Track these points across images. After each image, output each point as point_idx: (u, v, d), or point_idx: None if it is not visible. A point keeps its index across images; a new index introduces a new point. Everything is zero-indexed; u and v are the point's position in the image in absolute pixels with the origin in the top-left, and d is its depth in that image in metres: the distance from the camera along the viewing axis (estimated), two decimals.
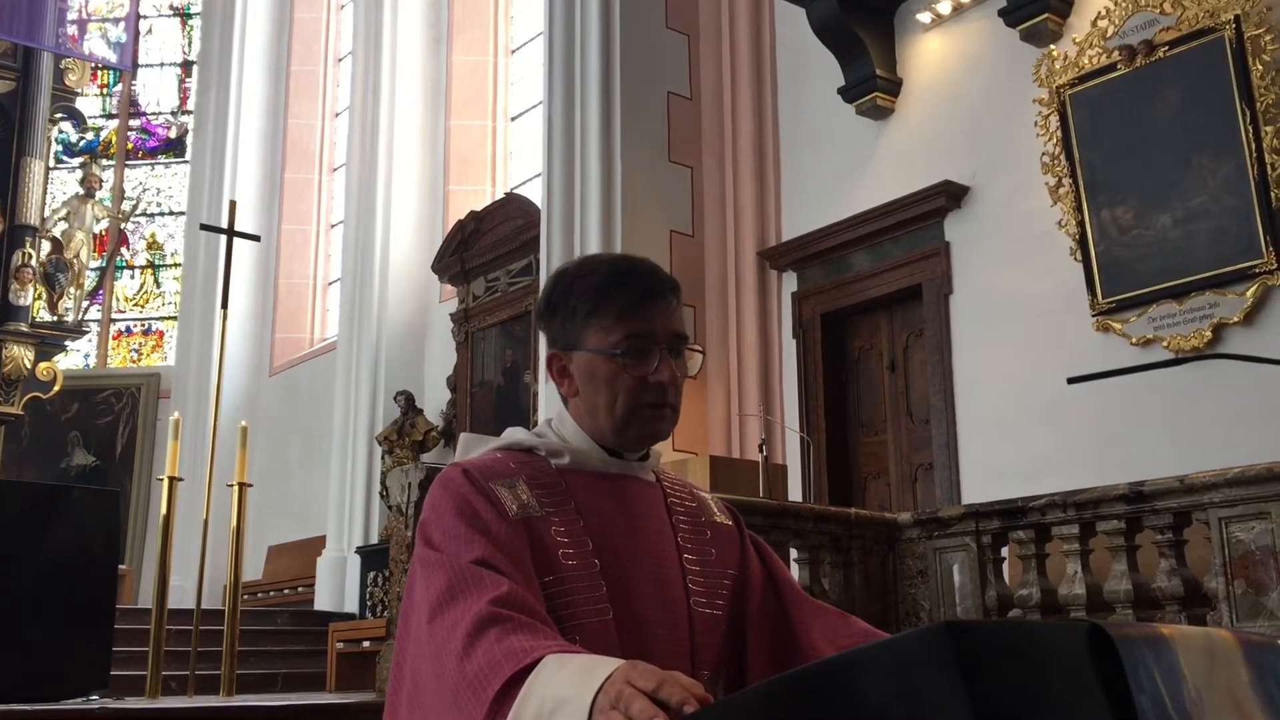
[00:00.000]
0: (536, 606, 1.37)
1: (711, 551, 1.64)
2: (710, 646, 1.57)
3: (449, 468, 1.57)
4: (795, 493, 7.42)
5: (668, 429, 1.60)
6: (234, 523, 5.91)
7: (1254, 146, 6.06)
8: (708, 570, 1.62)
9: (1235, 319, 6.16)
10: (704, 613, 1.57)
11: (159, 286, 16.19)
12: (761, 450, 5.91)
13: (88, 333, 15.30)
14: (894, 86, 8.00)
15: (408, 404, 11.08)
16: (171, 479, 5.67)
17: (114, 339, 15.97)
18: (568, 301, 1.58)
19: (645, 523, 1.59)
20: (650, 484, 1.65)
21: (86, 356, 15.77)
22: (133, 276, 16.28)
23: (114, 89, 16.69)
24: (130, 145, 16.48)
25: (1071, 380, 3.34)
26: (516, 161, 12.10)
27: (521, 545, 1.45)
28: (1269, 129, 6.04)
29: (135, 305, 16.20)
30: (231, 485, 5.96)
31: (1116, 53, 6.66)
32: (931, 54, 7.90)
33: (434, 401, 11.36)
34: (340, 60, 14.83)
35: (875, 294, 8.01)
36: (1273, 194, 6.01)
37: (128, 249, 16.22)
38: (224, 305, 6.23)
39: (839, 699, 0.87)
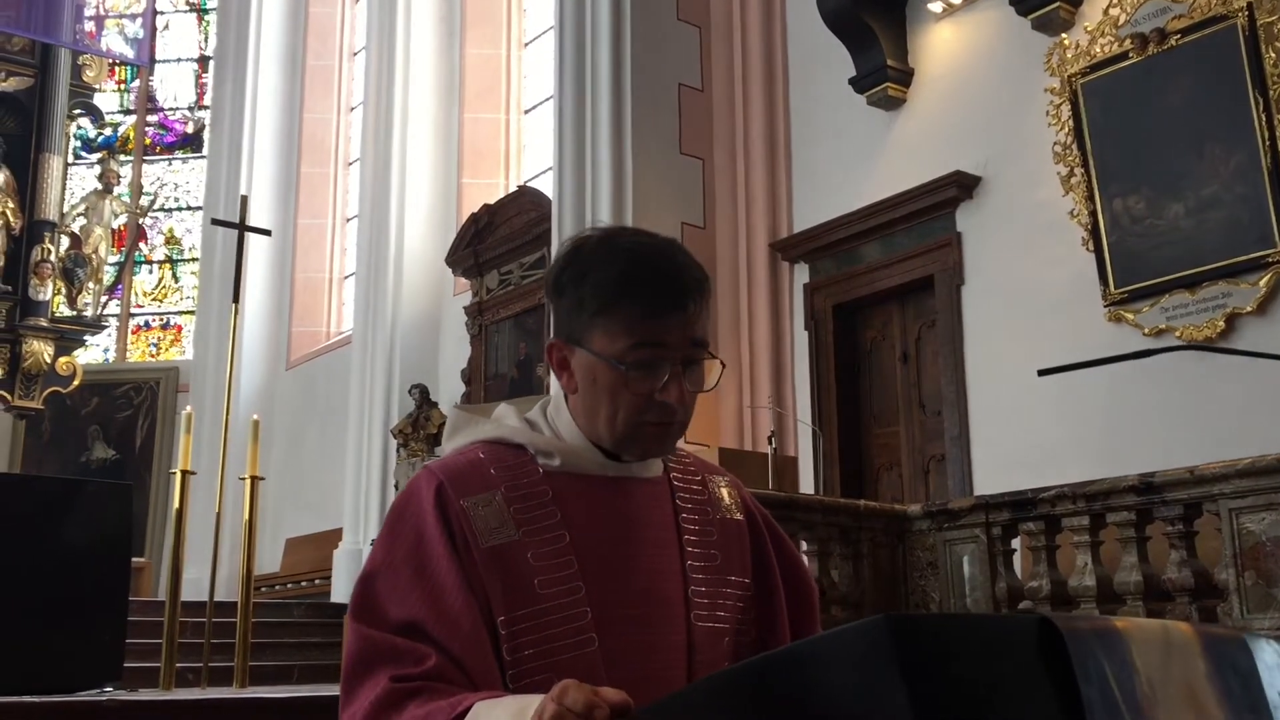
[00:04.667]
0: (466, 678, 1.27)
1: (716, 554, 1.49)
2: (711, 664, 1.43)
3: (423, 474, 1.43)
4: (807, 484, 7.42)
5: (671, 446, 1.46)
6: (246, 515, 5.95)
7: (1267, 135, 6.01)
8: (711, 579, 1.47)
9: (1249, 308, 6.12)
10: (705, 626, 1.44)
11: (177, 281, 16.29)
12: (771, 442, 5.91)
13: (106, 327, 15.40)
14: (905, 77, 7.97)
15: (422, 397, 11.12)
16: (184, 473, 5.72)
17: (133, 333, 16.09)
18: (579, 290, 1.40)
19: (644, 532, 1.44)
20: (653, 480, 1.49)
21: (106, 351, 15.90)
22: (151, 271, 16.39)
23: (131, 85, 16.79)
24: (148, 140, 16.58)
25: (1042, 372, 3.31)
26: (530, 154, 12.10)
27: (486, 586, 1.33)
28: None
29: (154, 300, 16.32)
30: (244, 478, 6.00)
31: (1128, 41, 6.62)
32: (943, 44, 7.87)
33: (448, 394, 11.39)
34: (355, 55, 14.87)
35: (887, 285, 7.99)
36: None
37: (146, 244, 16.32)
38: (235, 299, 6.27)
39: (785, 691, 0.87)
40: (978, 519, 5.36)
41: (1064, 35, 6.98)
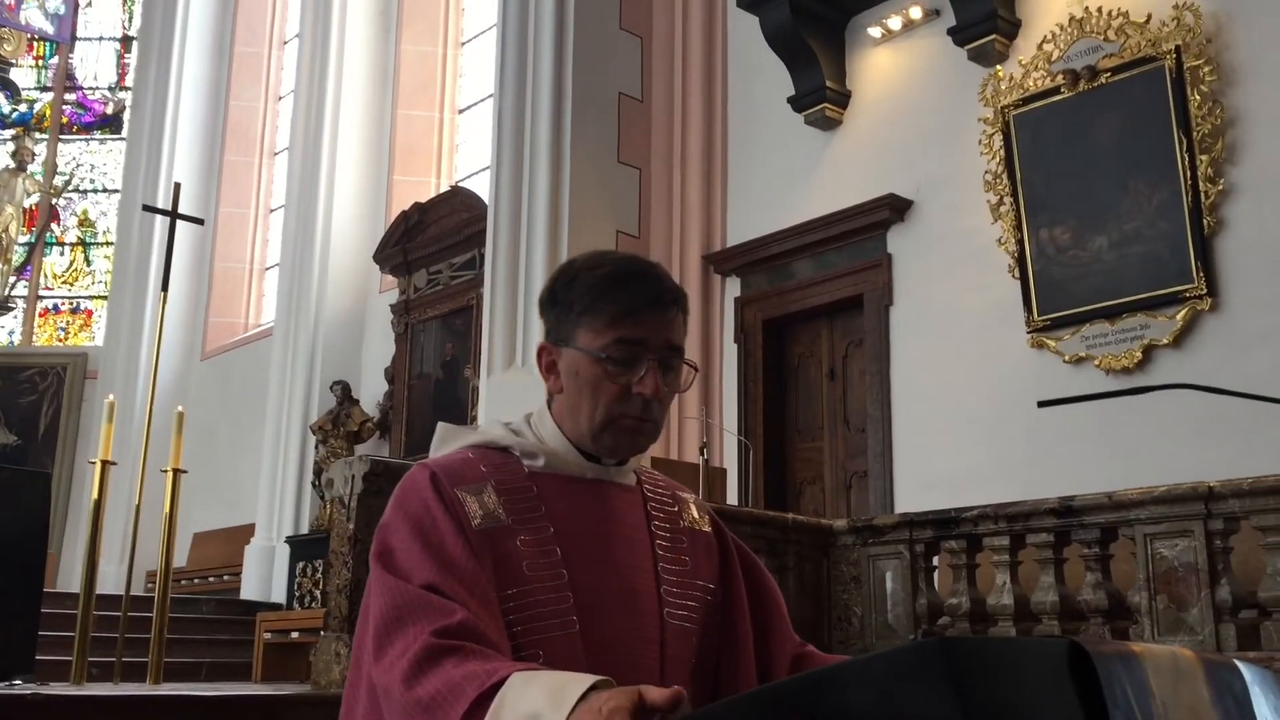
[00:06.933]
0: (488, 634, 1.33)
1: (686, 560, 1.59)
2: (681, 660, 1.52)
3: (416, 468, 1.52)
4: (732, 496, 7.49)
5: (644, 443, 1.55)
6: (166, 509, 5.82)
7: (1189, 174, 6.24)
8: (683, 580, 1.57)
9: (1165, 341, 6.33)
10: (676, 625, 1.53)
11: (89, 265, 15.85)
12: (703, 453, 5.96)
13: (13, 309, 14.96)
14: (843, 98, 8.10)
15: (344, 394, 10.98)
16: (104, 463, 5.57)
17: (40, 316, 15.61)
18: (567, 294, 1.52)
19: (620, 530, 1.54)
20: (629, 488, 1.60)
21: (11, 333, 15.41)
22: (62, 253, 15.92)
23: (50, 61, 16.31)
24: (65, 119, 16.11)
25: (1042, 404, 3.41)
26: (463, 154, 12.04)
27: (482, 562, 1.40)
28: (1204, 158, 6.22)
29: (64, 283, 15.85)
30: (165, 471, 5.87)
31: (1060, 76, 6.82)
32: (880, 68, 8.02)
33: (370, 392, 11.27)
34: (286, 43, 14.65)
35: (817, 302, 8.11)
36: (1205, 221, 6.20)
37: (58, 225, 15.87)
38: (164, 288, 6.13)
39: (826, 709, 0.90)
40: (902, 536, 5.47)
41: (999, 67, 7.17)
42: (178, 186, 6.45)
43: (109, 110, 16.17)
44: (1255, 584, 4.41)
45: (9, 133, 15.33)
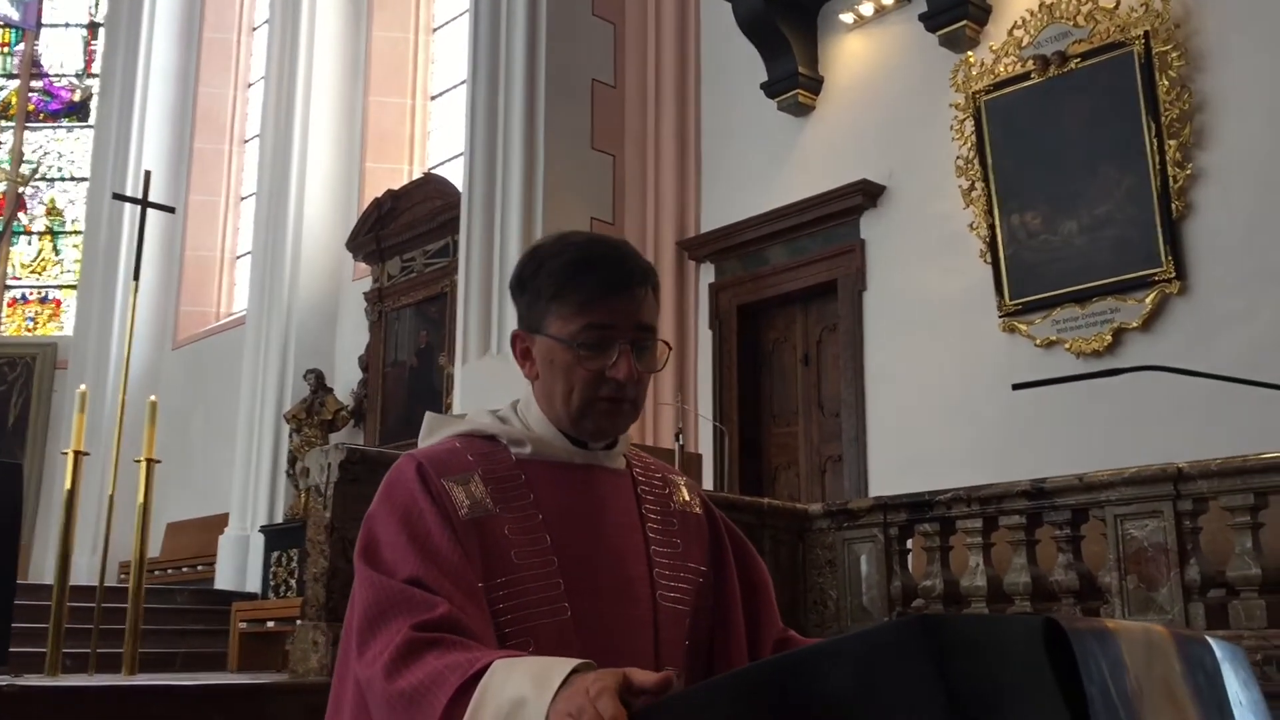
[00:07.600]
0: (473, 627, 1.33)
1: (678, 542, 1.60)
2: (675, 643, 1.53)
3: (404, 459, 1.52)
4: (708, 481, 7.52)
5: (624, 424, 1.55)
6: (140, 499, 5.79)
7: (1157, 159, 6.30)
8: (675, 563, 1.57)
9: (1134, 324, 6.40)
10: (669, 607, 1.53)
11: (57, 254, 15.70)
12: (678, 439, 5.99)
13: None
14: (815, 84, 8.12)
15: (317, 382, 10.93)
16: (77, 453, 5.54)
17: (9, 306, 15.45)
18: (535, 281, 1.52)
19: (611, 515, 1.55)
20: (618, 472, 1.60)
21: None
22: (30, 242, 15.76)
23: (15, 48, 16.12)
24: (31, 107, 15.93)
25: (1017, 386, 3.44)
26: (435, 141, 11.99)
27: (469, 552, 1.41)
28: (1172, 142, 6.28)
29: (32, 272, 15.69)
30: (139, 461, 5.84)
31: (1031, 62, 6.86)
32: (853, 54, 8.04)
33: (344, 380, 11.23)
34: (255, 29, 14.53)
35: (791, 288, 8.14)
36: (1174, 205, 6.26)
37: (25, 214, 15.70)
38: (135, 277, 6.09)
39: (807, 689, 0.92)
40: (876, 519, 5.51)
41: (970, 53, 7.20)
42: (148, 174, 6.40)
43: (76, 98, 15.99)
44: (1223, 564, 4.47)
45: None
